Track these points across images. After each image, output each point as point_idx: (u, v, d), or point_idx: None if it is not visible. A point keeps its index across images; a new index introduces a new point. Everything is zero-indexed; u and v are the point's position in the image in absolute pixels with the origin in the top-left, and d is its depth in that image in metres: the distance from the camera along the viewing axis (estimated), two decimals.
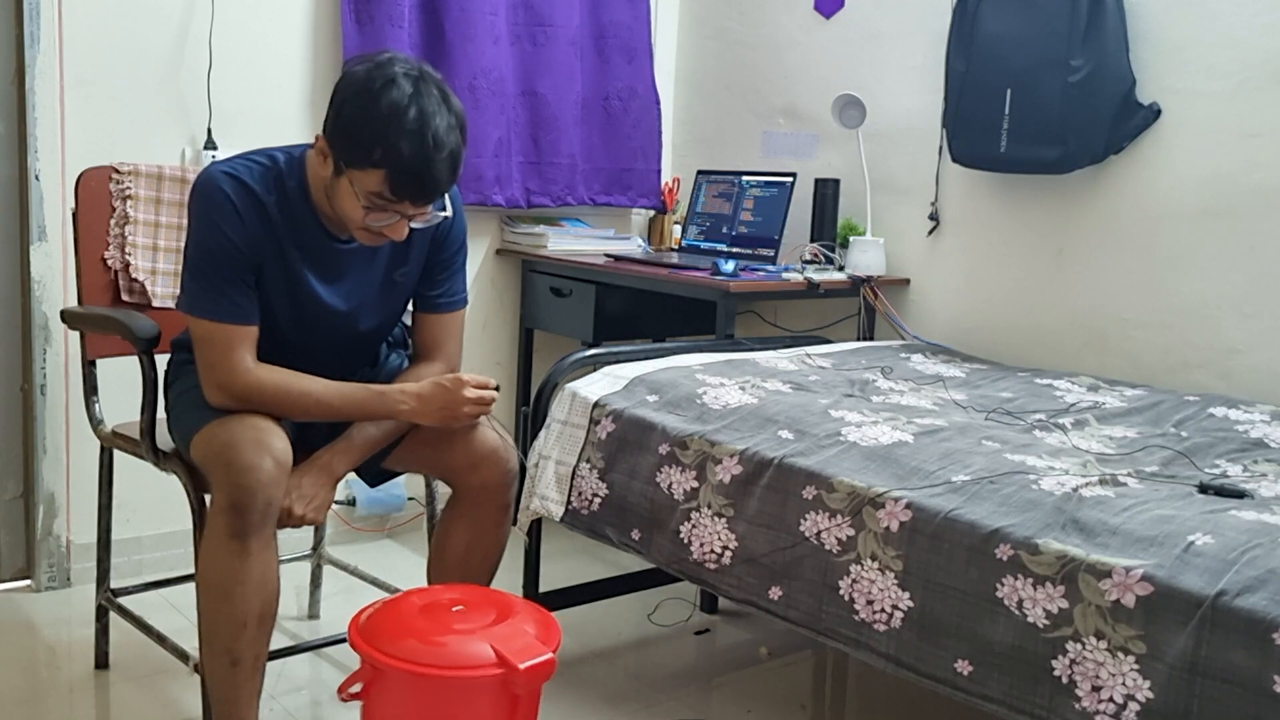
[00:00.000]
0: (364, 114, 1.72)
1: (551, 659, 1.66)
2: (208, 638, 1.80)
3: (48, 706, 2.20)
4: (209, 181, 1.82)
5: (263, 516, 1.74)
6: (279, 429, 1.83)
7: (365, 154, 1.72)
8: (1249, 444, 2.05)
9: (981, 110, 2.69)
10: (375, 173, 1.73)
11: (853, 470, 1.87)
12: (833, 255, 3.06)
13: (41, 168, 2.62)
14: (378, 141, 1.71)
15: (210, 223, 1.81)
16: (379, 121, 1.71)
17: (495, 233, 3.41)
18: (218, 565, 1.75)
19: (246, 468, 1.73)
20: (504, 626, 1.70)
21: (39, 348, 2.66)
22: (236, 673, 1.79)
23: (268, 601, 1.79)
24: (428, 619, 1.71)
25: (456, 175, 1.80)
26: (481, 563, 2.05)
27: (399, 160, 1.71)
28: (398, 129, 1.70)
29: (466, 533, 2.04)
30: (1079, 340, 2.73)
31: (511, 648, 1.64)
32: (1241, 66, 2.44)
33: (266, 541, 1.77)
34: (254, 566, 1.75)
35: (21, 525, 2.76)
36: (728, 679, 2.50)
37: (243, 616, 1.76)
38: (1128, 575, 1.51)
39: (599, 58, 3.44)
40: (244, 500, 1.72)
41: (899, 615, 1.74)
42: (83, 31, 2.63)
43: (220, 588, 1.75)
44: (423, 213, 1.82)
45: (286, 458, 1.79)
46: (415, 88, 1.73)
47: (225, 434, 1.79)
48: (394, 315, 2.09)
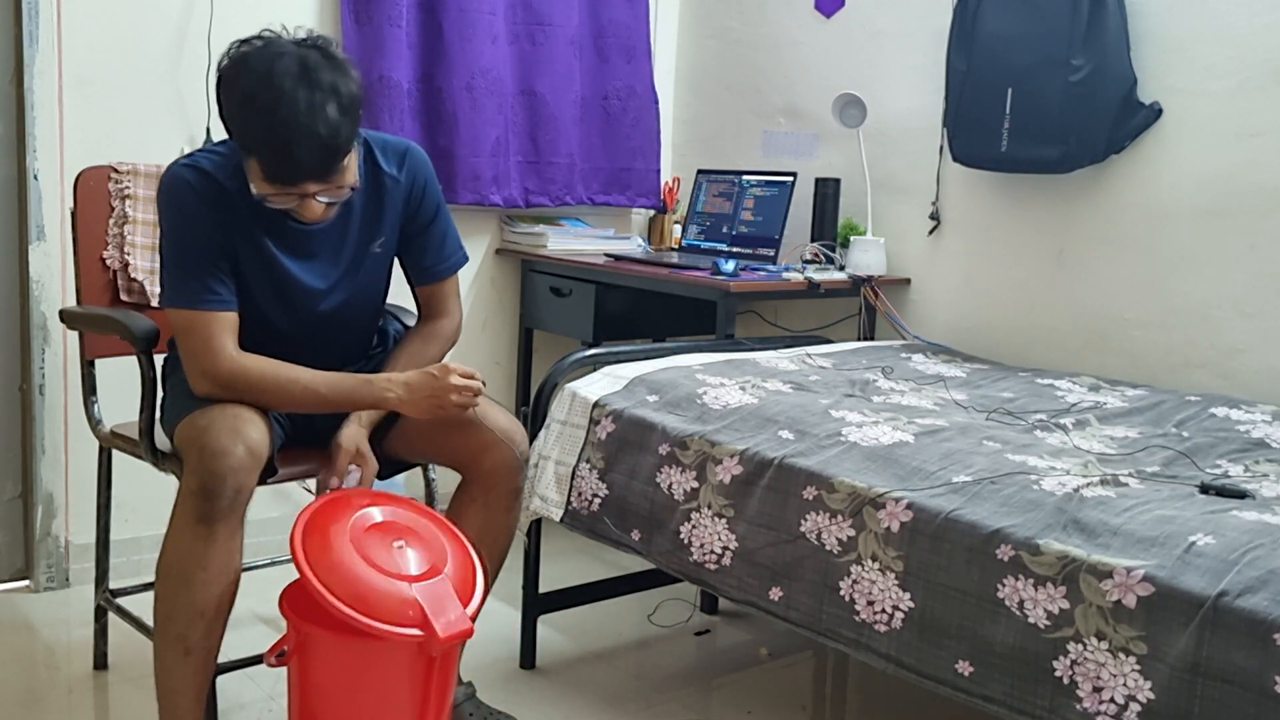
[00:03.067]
0: (227, 105, 1.75)
1: (469, 627, 1.69)
2: (162, 624, 1.78)
3: (46, 707, 2.20)
4: (171, 177, 1.85)
5: (231, 503, 1.73)
6: (260, 420, 1.82)
7: (240, 143, 1.77)
8: (1250, 444, 2.05)
9: (982, 110, 2.68)
10: (252, 159, 1.76)
11: (853, 470, 1.87)
12: (833, 255, 3.06)
13: (40, 167, 2.62)
14: (240, 131, 1.75)
15: (178, 214, 1.84)
16: (236, 111, 1.74)
17: (495, 232, 3.40)
18: (181, 550, 1.74)
19: (218, 452, 1.72)
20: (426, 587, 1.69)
21: (38, 348, 2.66)
22: (188, 663, 1.77)
23: (227, 591, 1.77)
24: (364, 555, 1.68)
25: (335, 152, 1.74)
26: (492, 548, 2.04)
27: (259, 147, 1.73)
28: (252, 117, 1.72)
29: (478, 518, 2.01)
30: (1080, 340, 2.73)
31: (431, 610, 1.66)
32: (1242, 66, 2.43)
33: (233, 530, 1.75)
34: (218, 554, 1.73)
35: (20, 525, 2.76)
36: (728, 679, 2.50)
37: (201, 605, 1.74)
38: (1129, 576, 1.51)
39: (598, 57, 3.44)
40: (213, 485, 1.71)
41: (899, 616, 1.74)
42: (81, 31, 2.63)
43: (182, 573, 1.74)
44: (324, 189, 1.79)
45: (261, 448, 1.77)
46: (270, 68, 1.71)
47: (204, 419, 1.78)
48: (376, 293, 2.08)
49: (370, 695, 1.71)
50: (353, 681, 1.71)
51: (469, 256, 2.14)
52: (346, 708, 1.73)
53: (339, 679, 1.73)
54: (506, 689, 2.32)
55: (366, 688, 1.71)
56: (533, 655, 2.44)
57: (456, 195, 3.14)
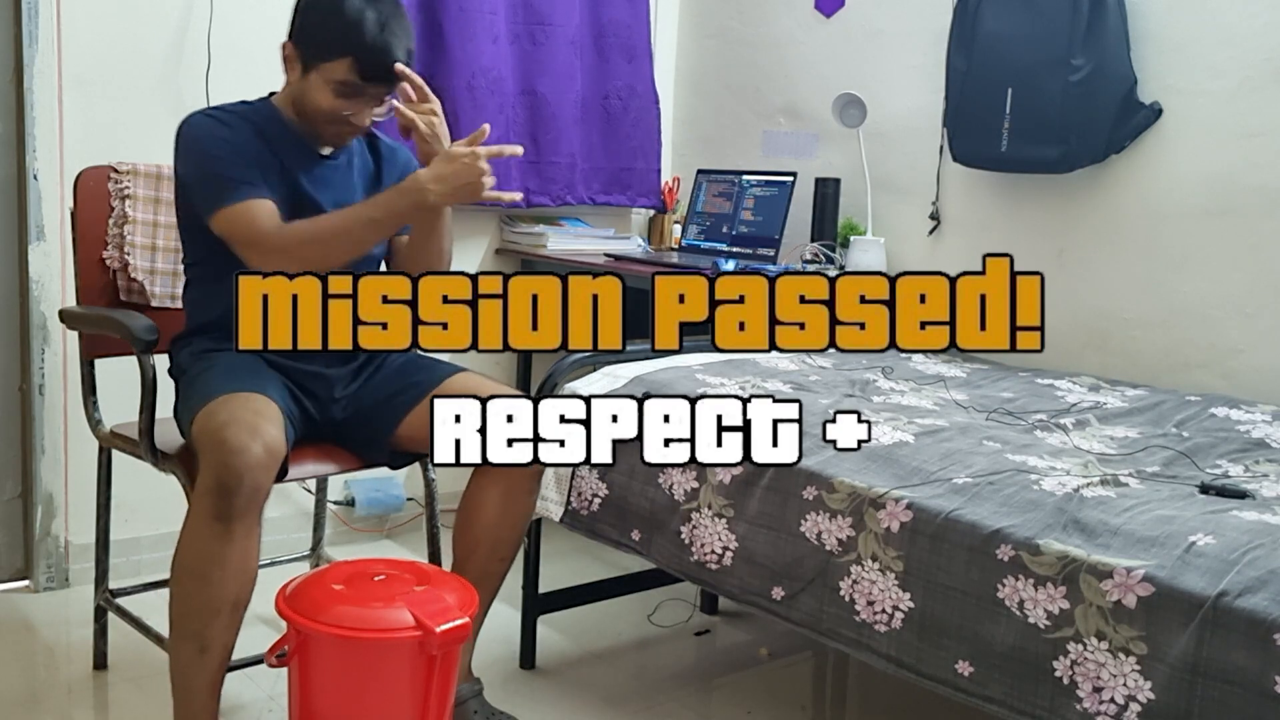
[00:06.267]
0: (332, 12, 1.93)
1: (467, 623, 1.72)
2: (178, 622, 1.78)
3: (46, 707, 2.20)
4: (190, 121, 1.99)
5: (248, 501, 1.73)
6: (278, 416, 1.82)
7: (335, 45, 1.92)
8: (1250, 444, 2.05)
9: (982, 109, 2.68)
10: (344, 61, 1.92)
11: (853, 471, 1.87)
12: (833, 255, 3.05)
13: (40, 167, 2.62)
14: (347, 31, 1.91)
15: (204, 141, 1.96)
16: (346, 16, 1.91)
17: (495, 232, 3.40)
18: (197, 548, 1.74)
19: (237, 449, 1.72)
20: (423, 593, 1.75)
21: (37, 348, 2.66)
22: (204, 660, 1.77)
23: (244, 589, 1.78)
24: (351, 587, 1.76)
25: (411, 62, 1.99)
26: (510, 532, 2.04)
27: (364, 46, 1.91)
28: (361, 21, 1.91)
29: (498, 501, 2.02)
30: (1080, 340, 2.73)
31: (428, 611, 1.70)
32: (1243, 66, 2.43)
33: (250, 528, 1.76)
34: (234, 552, 1.74)
35: (20, 526, 2.76)
36: (728, 679, 2.50)
37: (218, 603, 1.75)
38: (1129, 576, 1.51)
39: (598, 57, 3.44)
40: (230, 482, 1.71)
41: (899, 616, 1.74)
42: (81, 31, 2.63)
43: (198, 571, 1.75)
44: (380, 101, 1.99)
45: (278, 446, 1.78)
46: None
47: (223, 414, 1.78)
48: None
49: (370, 696, 1.72)
50: (353, 682, 1.72)
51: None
52: (347, 709, 1.74)
53: (339, 680, 1.74)
54: (506, 689, 2.31)
55: (367, 688, 1.71)
56: (533, 655, 2.44)
57: None
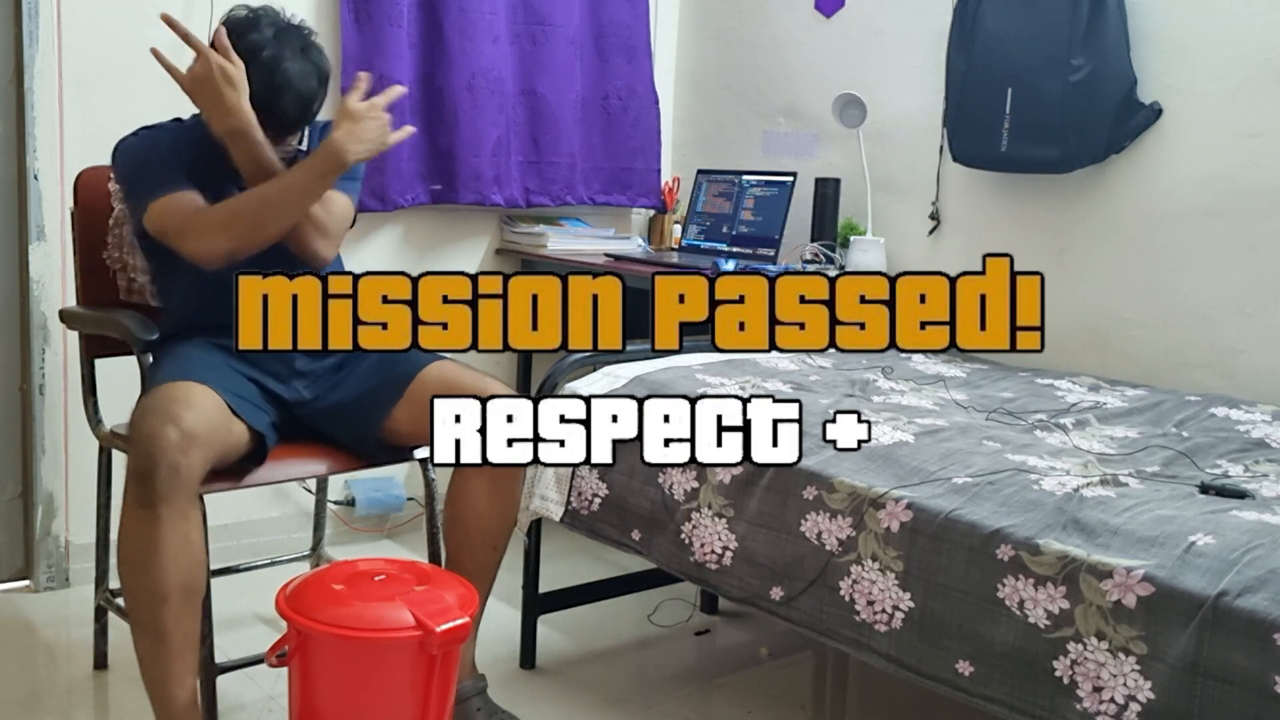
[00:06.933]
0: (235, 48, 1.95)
1: (467, 623, 1.72)
2: (132, 614, 1.79)
3: (46, 707, 2.20)
4: (122, 139, 2.06)
5: (169, 484, 1.73)
6: (208, 402, 1.83)
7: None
8: (1250, 444, 2.05)
9: (982, 109, 2.68)
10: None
11: (853, 471, 1.87)
12: (833, 255, 3.05)
13: (40, 167, 2.62)
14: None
15: (131, 150, 2.03)
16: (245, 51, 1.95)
17: (495, 232, 3.40)
18: (130, 537, 1.75)
19: (147, 435, 1.74)
20: (423, 593, 1.75)
21: (38, 348, 2.66)
22: (164, 649, 1.76)
23: (191, 574, 1.77)
24: (351, 587, 1.76)
25: (307, 114, 2.03)
26: (500, 520, 2.05)
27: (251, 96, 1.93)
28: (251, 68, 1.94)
29: (486, 489, 2.02)
30: (1080, 340, 2.73)
31: (428, 611, 1.70)
32: (1243, 66, 2.43)
33: (181, 511, 1.75)
34: (168, 537, 1.73)
35: (20, 525, 2.76)
36: (728, 679, 2.50)
37: (162, 589, 1.74)
38: (1129, 576, 1.51)
39: (598, 57, 3.44)
40: (145, 466, 1.72)
41: (900, 616, 1.74)
42: (81, 31, 2.63)
43: (134, 560, 1.75)
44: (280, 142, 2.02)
45: (196, 427, 1.77)
46: (276, 36, 1.98)
47: (144, 405, 1.81)
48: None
49: (371, 696, 1.72)
50: (353, 682, 1.72)
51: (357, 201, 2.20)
52: (347, 708, 1.74)
53: (339, 680, 1.74)
54: (506, 689, 2.31)
55: (367, 688, 1.71)
56: (533, 655, 2.44)
57: (458, 195, 3.14)
